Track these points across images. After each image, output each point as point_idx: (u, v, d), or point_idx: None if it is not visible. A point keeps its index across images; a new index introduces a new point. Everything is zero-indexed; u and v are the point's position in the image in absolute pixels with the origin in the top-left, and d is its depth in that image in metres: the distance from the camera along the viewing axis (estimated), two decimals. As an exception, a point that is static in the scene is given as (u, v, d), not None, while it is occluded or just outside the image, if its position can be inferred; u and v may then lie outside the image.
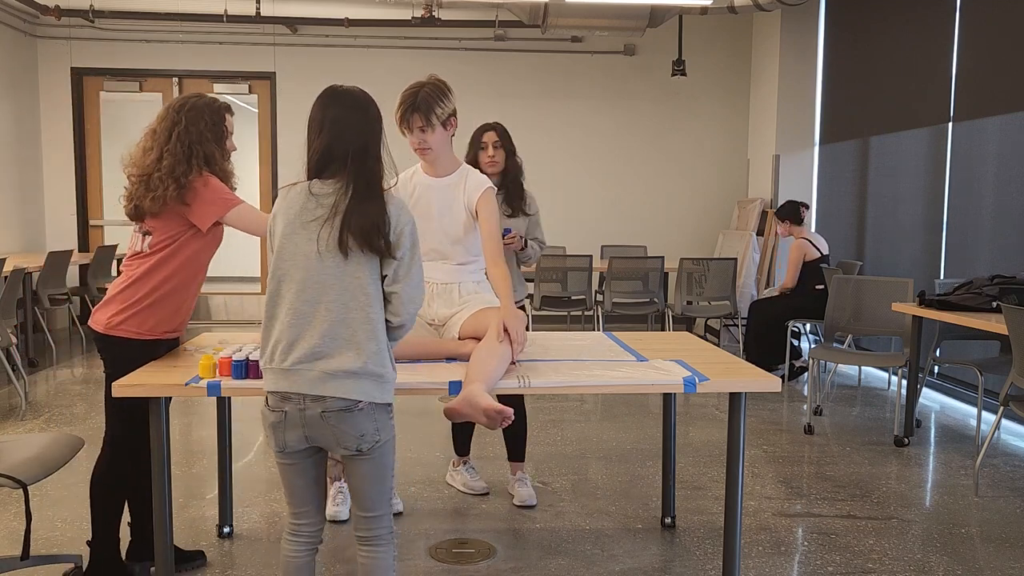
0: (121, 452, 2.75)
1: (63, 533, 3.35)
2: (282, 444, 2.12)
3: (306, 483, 2.19)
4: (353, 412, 2.07)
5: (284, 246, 2.10)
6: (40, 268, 6.65)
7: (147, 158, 2.66)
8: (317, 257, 2.07)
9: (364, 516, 2.18)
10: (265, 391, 2.13)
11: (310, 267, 2.07)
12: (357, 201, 2.06)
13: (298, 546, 2.21)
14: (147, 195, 2.63)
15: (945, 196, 6.08)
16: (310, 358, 2.06)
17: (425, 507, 3.67)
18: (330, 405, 2.06)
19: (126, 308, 2.68)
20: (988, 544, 3.35)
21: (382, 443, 2.13)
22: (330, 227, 2.05)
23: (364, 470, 2.14)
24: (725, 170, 9.17)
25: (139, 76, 8.72)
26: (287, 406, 2.07)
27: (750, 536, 3.39)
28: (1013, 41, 5.40)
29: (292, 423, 2.08)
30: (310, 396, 2.06)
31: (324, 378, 2.05)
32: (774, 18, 8.35)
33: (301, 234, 2.08)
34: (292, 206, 2.11)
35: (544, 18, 7.52)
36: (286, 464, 2.17)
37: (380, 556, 2.18)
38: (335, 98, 2.13)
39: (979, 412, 4.76)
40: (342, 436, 2.08)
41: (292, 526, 2.22)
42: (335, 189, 2.08)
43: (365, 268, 2.09)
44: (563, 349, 3.01)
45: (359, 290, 2.08)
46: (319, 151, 2.09)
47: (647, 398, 5.72)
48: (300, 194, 2.11)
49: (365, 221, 2.04)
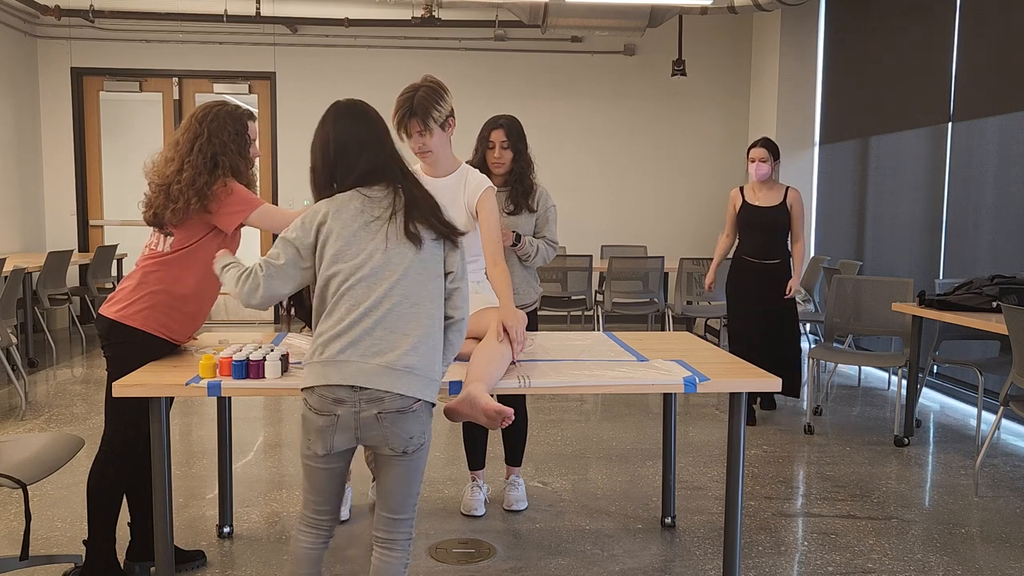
0: (119, 452, 2.75)
1: (63, 533, 3.35)
2: (329, 447, 2.07)
3: (336, 484, 2.18)
4: (407, 414, 2.06)
5: (346, 247, 2.10)
6: (40, 268, 6.65)
7: (168, 168, 2.66)
8: (385, 253, 2.09)
9: (389, 517, 2.16)
10: (310, 385, 2.06)
11: (378, 263, 2.08)
12: (412, 197, 2.15)
13: (315, 539, 2.19)
14: (168, 205, 2.62)
15: (945, 196, 6.08)
16: (368, 351, 2.04)
17: (425, 507, 3.67)
18: (387, 406, 2.03)
19: (138, 301, 2.68)
20: (988, 544, 3.35)
21: (424, 446, 2.14)
22: (395, 223, 2.12)
23: (400, 471, 2.13)
24: (725, 170, 9.17)
25: (139, 76, 8.72)
26: (340, 409, 2.03)
27: (750, 536, 3.39)
28: (1013, 41, 5.40)
29: (344, 426, 2.05)
30: (366, 397, 2.02)
31: (382, 372, 2.03)
32: (774, 18, 8.35)
33: (363, 234, 2.10)
34: (346, 209, 2.13)
35: (544, 18, 7.52)
36: (322, 468, 2.12)
37: (395, 561, 2.16)
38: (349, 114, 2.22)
39: (979, 412, 4.76)
40: (392, 437, 2.07)
41: (311, 520, 2.19)
42: (386, 193, 2.15)
43: (431, 263, 2.14)
44: (563, 349, 3.01)
45: (424, 287, 2.11)
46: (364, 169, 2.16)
47: (647, 398, 5.72)
48: (352, 198, 2.14)
49: (426, 208, 2.15)
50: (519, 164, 3.46)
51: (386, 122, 2.26)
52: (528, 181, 3.49)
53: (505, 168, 3.44)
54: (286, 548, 3.22)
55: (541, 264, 3.57)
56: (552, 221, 3.56)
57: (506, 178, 3.46)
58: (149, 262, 2.72)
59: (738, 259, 5.13)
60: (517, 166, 3.46)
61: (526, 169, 3.48)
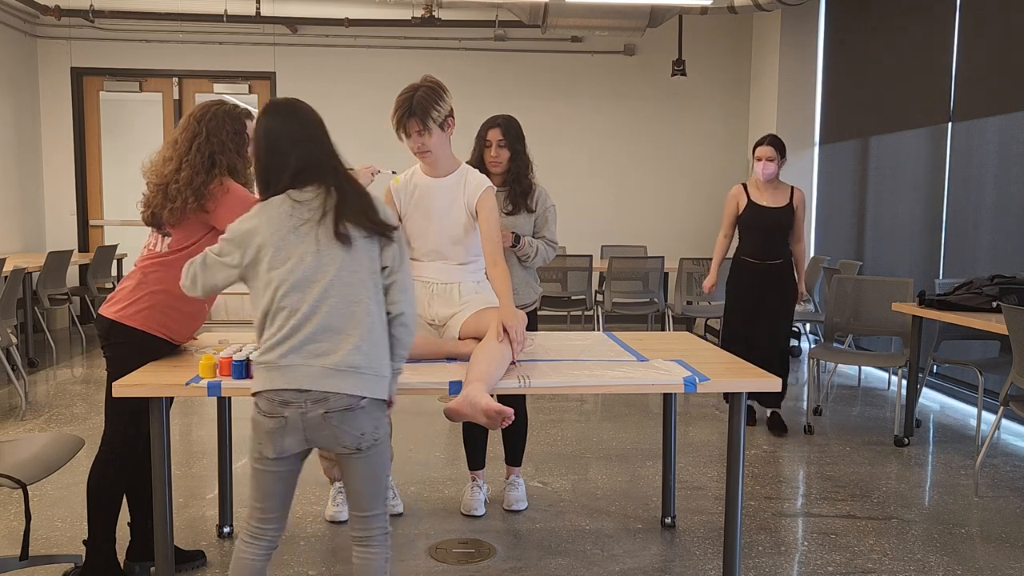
0: (119, 452, 2.75)
1: (63, 533, 3.35)
2: (280, 450, 2.08)
3: (285, 489, 2.16)
4: (355, 411, 2.06)
5: (277, 253, 2.09)
6: (40, 268, 6.65)
7: (166, 167, 2.66)
8: (316, 256, 2.07)
9: (360, 516, 2.18)
10: (258, 390, 2.07)
11: (309, 267, 2.07)
12: (344, 195, 2.12)
13: (259, 550, 2.16)
14: (165, 205, 2.62)
15: (945, 196, 6.08)
16: (311, 354, 2.04)
17: (425, 507, 3.67)
18: (333, 405, 2.04)
19: (138, 301, 2.68)
20: (988, 544, 3.35)
21: (380, 441, 2.13)
22: (324, 224, 2.09)
23: (361, 469, 2.14)
24: (725, 170, 9.17)
25: (139, 76, 8.72)
26: (287, 411, 2.04)
27: (750, 536, 3.39)
28: (1013, 41, 5.40)
29: (293, 427, 2.06)
30: (312, 398, 2.04)
31: (326, 374, 2.04)
32: (774, 18, 8.35)
33: (293, 238, 2.08)
34: (276, 215, 2.11)
35: (544, 18, 7.52)
36: (271, 471, 2.11)
37: (374, 557, 2.17)
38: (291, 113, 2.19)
39: (979, 412, 4.76)
40: (343, 435, 2.07)
41: (256, 530, 2.16)
42: (316, 194, 2.12)
43: (365, 261, 2.11)
44: (563, 349, 3.01)
45: (359, 285, 2.09)
46: (294, 167, 2.13)
47: (647, 398, 5.72)
48: (282, 203, 2.12)
49: (357, 206, 2.12)
50: (516, 164, 3.45)
51: (322, 121, 2.22)
52: (526, 181, 3.48)
53: (502, 167, 3.43)
54: (286, 548, 3.22)
55: (541, 264, 3.55)
56: (551, 221, 3.55)
57: (504, 178, 3.45)
58: (148, 262, 2.72)
59: (738, 260, 4.93)
60: (514, 165, 3.45)
61: (524, 169, 3.46)
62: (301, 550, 3.21)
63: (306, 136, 2.16)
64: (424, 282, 3.03)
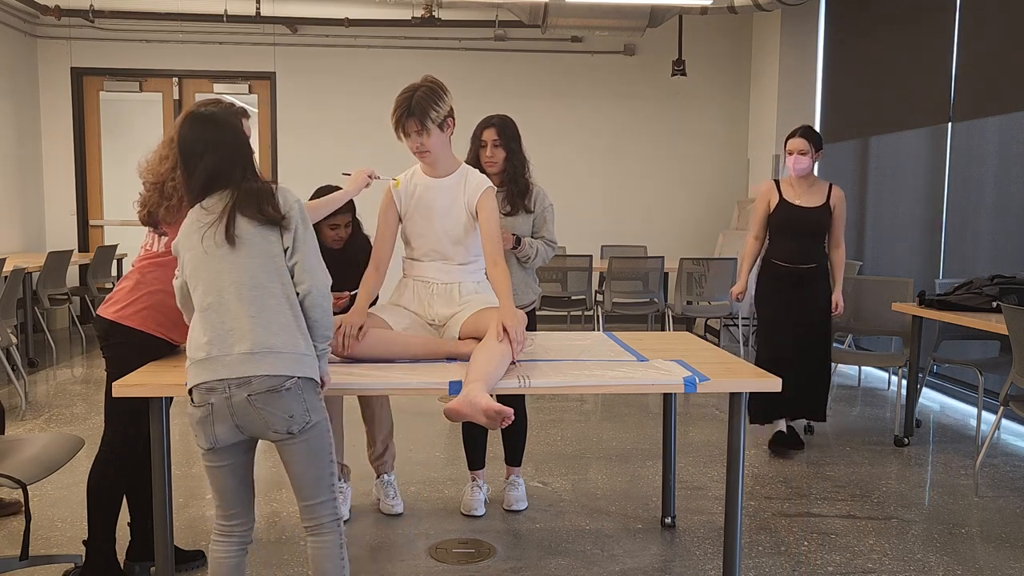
0: (119, 452, 2.75)
1: (63, 533, 3.35)
2: (212, 439, 2.12)
3: (237, 484, 2.20)
4: (280, 392, 2.08)
5: (188, 256, 2.20)
6: (40, 268, 6.65)
7: (163, 166, 2.66)
8: (217, 255, 2.15)
9: (305, 504, 2.19)
10: (189, 386, 2.14)
11: (209, 264, 2.15)
12: (242, 194, 2.18)
13: (229, 547, 2.22)
14: (161, 203, 2.63)
15: (945, 196, 6.08)
16: (227, 344, 2.09)
17: (425, 507, 3.67)
18: (256, 387, 2.07)
19: (136, 301, 2.68)
20: (988, 544, 3.35)
21: (313, 424, 2.14)
22: (218, 226, 2.16)
23: (297, 454, 2.15)
24: (725, 170, 9.17)
25: (139, 76, 8.72)
26: (212, 397, 2.08)
27: (750, 536, 3.39)
28: (1013, 41, 5.40)
29: (220, 414, 2.09)
30: (234, 383, 2.07)
31: (243, 359, 2.08)
32: (774, 18, 8.35)
33: (195, 238, 2.18)
34: (188, 228, 2.22)
35: (544, 18, 7.52)
36: (216, 466, 2.17)
37: (326, 544, 2.19)
38: (193, 123, 2.27)
39: (979, 412, 4.76)
40: (271, 419, 2.09)
41: (223, 528, 2.22)
42: (221, 198, 2.20)
43: (264, 246, 2.17)
44: (563, 349, 3.01)
45: (262, 270, 2.15)
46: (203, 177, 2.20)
47: (647, 398, 5.72)
48: (195, 212, 2.23)
49: (252, 201, 2.17)
50: (512, 163, 3.44)
51: (237, 127, 2.32)
52: (523, 181, 3.47)
53: (498, 167, 3.43)
54: (286, 548, 3.22)
55: (540, 264, 3.55)
56: (550, 221, 3.55)
57: (501, 178, 3.45)
58: (145, 262, 2.72)
59: (768, 264, 4.47)
60: (510, 165, 3.44)
61: (520, 168, 3.46)
62: (301, 550, 3.21)
63: (213, 145, 2.22)
64: (424, 282, 3.03)
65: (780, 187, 4.46)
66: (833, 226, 4.42)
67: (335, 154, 8.45)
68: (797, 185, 4.43)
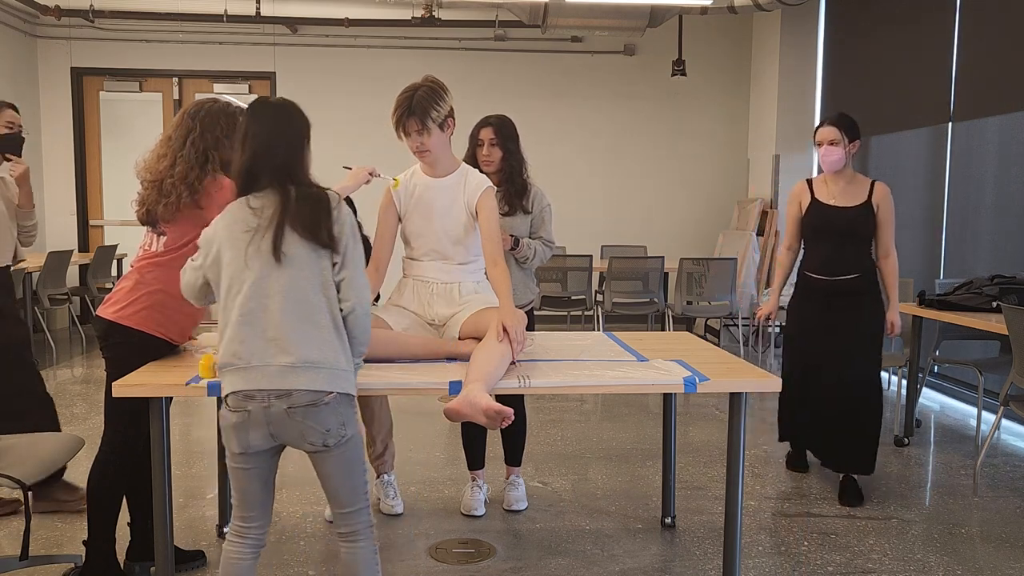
0: (119, 452, 2.75)
1: (63, 533, 3.35)
2: (245, 445, 2.11)
3: (259, 487, 2.19)
4: (319, 407, 2.08)
5: (229, 257, 2.14)
6: (40, 268, 6.65)
7: (161, 164, 2.66)
8: (264, 261, 2.10)
9: (340, 512, 2.20)
10: (225, 393, 2.12)
11: (254, 270, 2.11)
12: (298, 203, 2.13)
13: (243, 548, 2.21)
14: (160, 201, 2.63)
15: (945, 196, 6.08)
16: (268, 355, 2.08)
17: (425, 507, 3.67)
18: (296, 400, 2.06)
19: (136, 301, 2.68)
20: (988, 544, 3.35)
21: (348, 437, 2.14)
22: (266, 234, 2.11)
23: (332, 467, 2.15)
24: (725, 170, 9.17)
25: (139, 76, 8.72)
26: (250, 405, 2.08)
27: (750, 536, 3.39)
28: (1013, 41, 5.40)
29: (256, 422, 2.08)
30: (274, 394, 2.06)
31: (283, 372, 2.07)
32: (774, 18, 8.35)
33: (242, 242, 2.13)
34: (233, 220, 2.17)
35: (544, 18, 7.52)
36: (243, 468, 2.15)
37: (361, 550, 2.20)
38: (257, 112, 2.21)
39: (979, 412, 4.76)
40: (308, 432, 2.09)
41: (239, 529, 2.21)
42: (271, 200, 2.14)
43: (311, 264, 2.13)
44: (563, 349, 3.01)
45: (308, 285, 2.12)
46: (247, 164, 2.17)
47: (647, 398, 5.72)
48: (238, 207, 2.17)
49: (307, 215, 2.13)
50: (510, 163, 3.44)
51: (301, 125, 2.25)
52: (520, 180, 3.47)
53: (494, 167, 3.43)
54: (286, 548, 3.22)
55: (539, 264, 3.56)
56: (548, 221, 3.55)
57: (499, 177, 3.44)
58: (144, 262, 2.72)
59: (801, 276, 3.88)
60: (508, 165, 3.44)
61: (517, 168, 3.46)
62: (301, 550, 3.21)
63: (275, 139, 2.18)
64: (424, 282, 3.03)
65: (813, 187, 3.87)
66: (878, 230, 3.77)
67: (335, 154, 8.40)
68: (832, 183, 3.83)
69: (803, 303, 3.87)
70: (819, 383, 3.77)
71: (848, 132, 3.76)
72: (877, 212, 3.76)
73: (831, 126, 3.77)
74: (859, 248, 3.78)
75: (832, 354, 3.74)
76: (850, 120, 3.78)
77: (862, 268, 3.76)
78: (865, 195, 3.79)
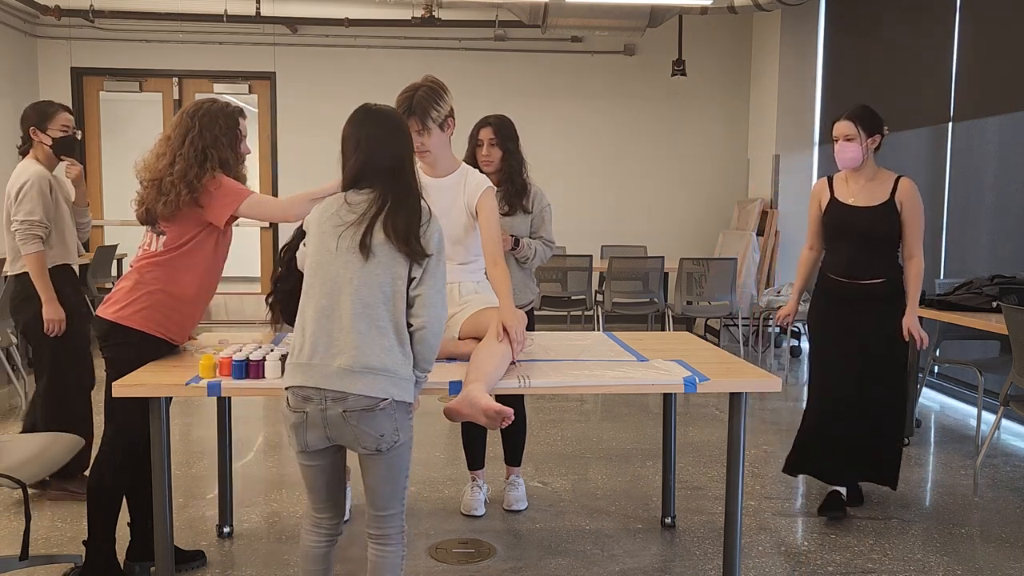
0: (119, 452, 2.75)
1: (63, 533, 3.35)
2: (303, 444, 2.16)
3: (326, 482, 2.25)
4: (375, 412, 2.09)
5: (314, 249, 2.19)
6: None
7: (160, 162, 2.67)
8: (344, 259, 2.13)
9: (376, 515, 2.23)
10: (286, 385, 2.16)
11: (334, 267, 2.13)
12: (395, 206, 2.15)
13: (319, 538, 2.29)
14: (159, 199, 2.64)
15: (945, 196, 6.08)
16: (330, 354, 2.10)
17: (425, 507, 3.67)
18: (351, 405, 2.08)
19: (136, 301, 2.68)
20: (988, 544, 3.35)
21: (400, 443, 2.17)
22: (356, 229, 2.13)
23: (380, 469, 2.18)
24: (725, 170, 9.17)
25: (139, 76, 8.72)
26: (308, 407, 2.11)
27: (750, 536, 3.39)
28: (1013, 41, 5.40)
29: (313, 424, 2.12)
30: (331, 396, 2.08)
31: (341, 374, 2.08)
32: (774, 18, 8.35)
33: (330, 235, 2.16)
34: (326, 212, 2.20)
35: (544, 18, 7.52)
36: (307, 465, 2.21)
37: (390, 554, 2.23)
38: (369, 117, 2.25)
39: (979, 412, 4.76)
40: (362, 436, 2.11)
41: (314, 519, 2.29)
42: (369, 198, 2.17)
43: (389, 269, 2.13)
44: (563, 349, 3.01)
45: (380, 289, 2.12)
46: (356, 166, 2.20)
47: (647, 398, 5.72)
48: (336, 201, 2.21)
49: (402, 221, 2.14)
50: (509, 163, 3.44)
51: (400, 129, 2.28)
52: (520, 180, 3.47)
53: (494, 166, 3.43)
54: (286, 548, 3.22)
55: (539, 264, 3.56)
56: (548, 221, 3.55)
57: (498, 177, 3.44)
58: (144, 262, 2.72)
59: (822, 278, 3.66)
60: (507, 165, 3.44)
61: (517, 168, 3.46)
62: (301, 550, 3.21)
63: (373, 142, 2.21)
64: None
65: (833, 184, 3.63)
66: (905, 229, 3.48)
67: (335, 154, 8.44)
68: (852, 180, 3.57)
69: (820, 308, 3.65)
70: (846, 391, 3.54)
71: (866, 126, 3.48)
72: (901, 211, 3.48)
73: (847, 120, 3.49)
74: (884, 250, 3.52)
75: (858, 359, 3.52)
76: (869, 112, 3.52)
77: (887, 274, 3.50)
78: (887, 193, 3.51)
